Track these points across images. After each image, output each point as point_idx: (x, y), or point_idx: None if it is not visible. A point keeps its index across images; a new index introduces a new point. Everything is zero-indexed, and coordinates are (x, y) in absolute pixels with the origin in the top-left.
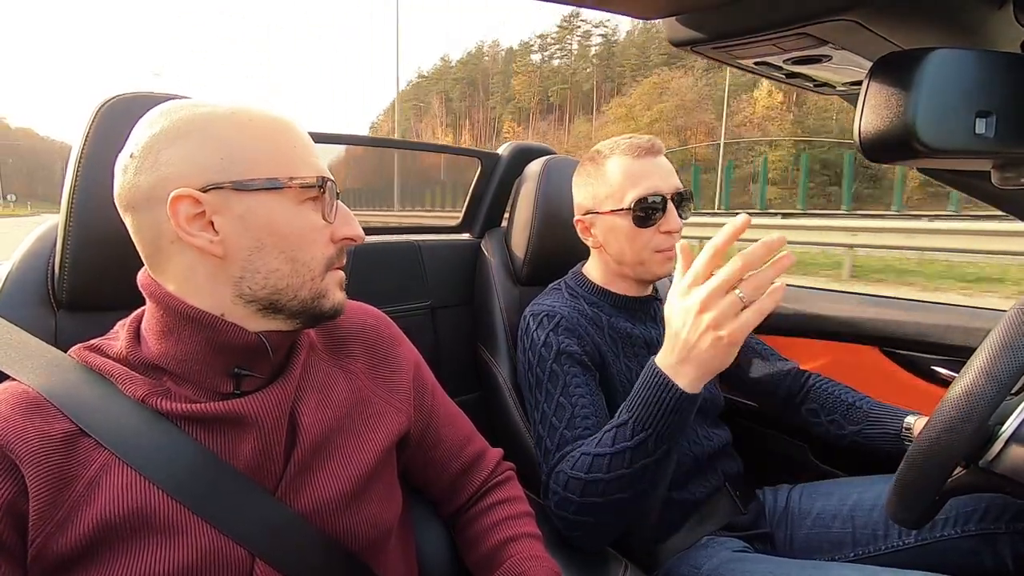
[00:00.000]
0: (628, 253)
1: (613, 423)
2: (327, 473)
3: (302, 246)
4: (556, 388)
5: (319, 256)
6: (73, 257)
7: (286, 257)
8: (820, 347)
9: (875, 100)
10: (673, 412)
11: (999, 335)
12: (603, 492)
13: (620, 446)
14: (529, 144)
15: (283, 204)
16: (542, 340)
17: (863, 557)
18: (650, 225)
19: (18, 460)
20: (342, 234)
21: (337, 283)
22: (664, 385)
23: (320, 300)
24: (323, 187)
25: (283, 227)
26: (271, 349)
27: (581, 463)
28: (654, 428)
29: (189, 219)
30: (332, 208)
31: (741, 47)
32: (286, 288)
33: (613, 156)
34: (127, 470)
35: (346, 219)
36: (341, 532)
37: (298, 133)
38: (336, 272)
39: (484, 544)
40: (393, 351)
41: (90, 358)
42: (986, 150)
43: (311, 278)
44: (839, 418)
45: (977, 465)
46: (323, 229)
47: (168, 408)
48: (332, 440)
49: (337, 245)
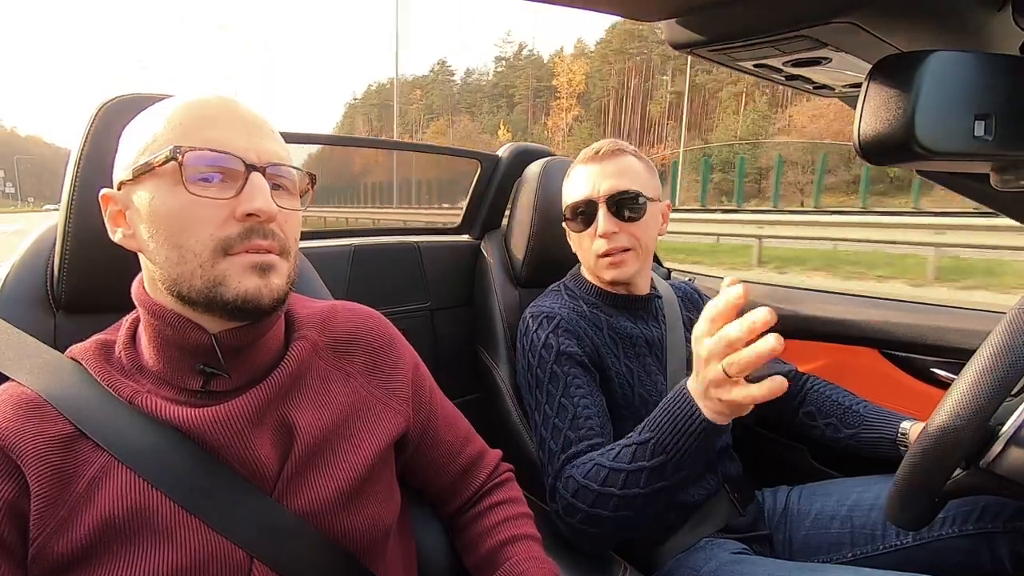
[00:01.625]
0: (580, 257)
1: (634, 439)
2: (324, 474)
3: (182, 229)
4: (557, 389)
5: (205, 239)
6: (72, 258)
7: (171, 243)
8: (818, 349)
9: (874, 102)
10: (697, 439)
11: (998, 336)
12: (613, 507)
13: (638, 465)
14: (528, 146)
15: (160, 187)
16: (542, 341)
17: (861, 557)
18: (584, 230)
19: (19, 460)
20: (243, 210)
21: (244, 268)
22: (691, 412)
23: (218, 288)
24: (179, 159)
25: (160, 211)
26: (220, 348)
27: (594, 474)
28: (676, 452)
29: (113, 217)
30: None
31: (740, 49)
32: (179, 278)
33: (575, 164)
34: (126, 471)
35: (251, 194)
36: (339, 533)
37: (199, 111)
38: (242, 256)
39: (483, 545)
40: (391, 352)
41: (87, 358)
42: (985, 153)
43: (199, 264)
44: (835, 421)
45: (977, 466)
46: (215, 207)
47: (158, 410)
48: (329, 441)
49: (241, 224)
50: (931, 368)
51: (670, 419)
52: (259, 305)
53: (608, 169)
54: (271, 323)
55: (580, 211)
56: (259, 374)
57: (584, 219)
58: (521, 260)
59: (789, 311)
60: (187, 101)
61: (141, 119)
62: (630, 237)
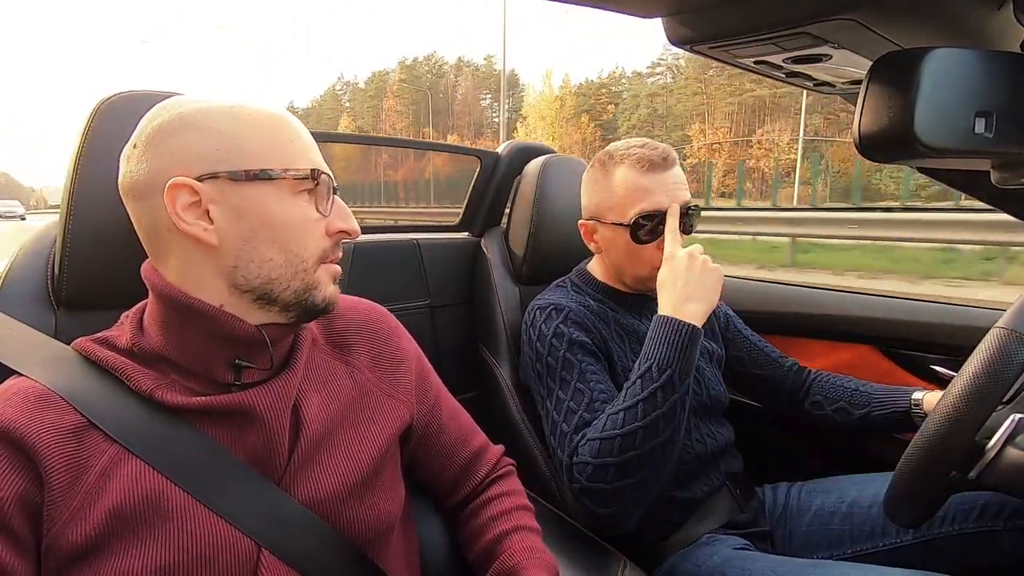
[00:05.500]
0: (626, 266)
1: (636, 373)
2: (331, 465)
3: (295, 237)
4: (572, 375)
5: (312, 248)
6: (72, 255)
7: (279, 247)
8: (819, 347)
9: (875, 99)
10: (689, 346)
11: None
12: (641, 441)
13: (649, 389)
14: (529, 143)
15: (277, 195)
16: (552, 331)
17: (861, 554)
18: (650, 242)
19: (32, 452)
20: (336, 227)
21: (330, 276)
22: (677, 325)
23: (312, 292)
24: (317, 179)
25: (276, 217)
26: (270, 342)
27: (612, 422)
28: (676, 363)
29: (185, 207)
30: (328, 202)
31: (741, 46)
32: (279, 278)
33: (622, 165)
34: (136, 461)
35: (342, 213)
36: (345, 523)
37: (294, 128)
38: (330, 266)
39: (483, 537)
40: (395, 344)
41: (94, 351)
42: (985, 150)
43: (303, 269)
44: (845, 405)
45: (967, 477)
46: (317, 222)
47: (173, 400)
48: (335, 433)
49: (332, 239)
50: (931, 365)
51: (661, 339)
52: (332, 307)
53: (673, 179)
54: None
55: (650, 224)
56: (277, 367)
57: (651, 232)
58: (521, 257)
59: (791, 310)
60: (281, 114)
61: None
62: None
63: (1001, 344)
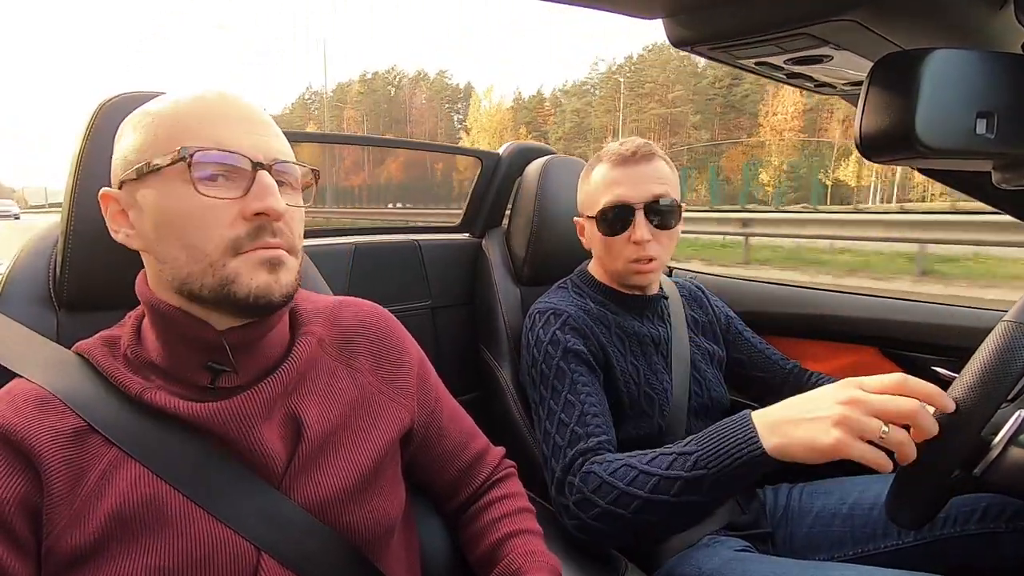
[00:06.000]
0: (605, 260)
1: (674, 449)
2: (332, 468)
3: (190, 229)
4: (563, 385)
5: (215, 238)
6: (74, 256)
7: (180, 244)
8: (821, 349)
9: (876, 100)
10: (743, 465)
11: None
12: (635, 509)
13: (673, 473)
14: (529, 144)
15: (167, 187)
16: (548, 337)
17: (863, 556)
18: (618, 234)
19: (32, 455)
20: (252, 208)
21: (254, 265)
22: (749, 437)
23: (230, 287)
24: (189, 159)
25: (171, 211)
26: (229, 346)
27: (622, 474)
28: (717, 471)
29: (113, 216)
30: (244, 184)
31: (742, 47)
32: (188, 277)
33: (600, 162)
34: (136, 465)
35: (260, 193)
36: (345, 526)
37: (203, 109)
38: (254, 254)
39: (485, 540)
40: (397, 348)
41: (93, 353)
42: (986, 150)
43: (209, 263)
44: None
45: (971, 475)
46: (225, 207)
47: (165, 404)
48: (336, 435)
49: (250, 223)
50: (932, 367)
51: (722, 438)
52: (270, 301)
53: (644, 173)
54: (277, 319)
55: (614, 215)
56: (266, 369)
57: (617, 223)
58: (522, 258)
59: (791, 311)
60: (189, 97)
61: (139, 116)
62: (659, 245)
63: (1009, 337)
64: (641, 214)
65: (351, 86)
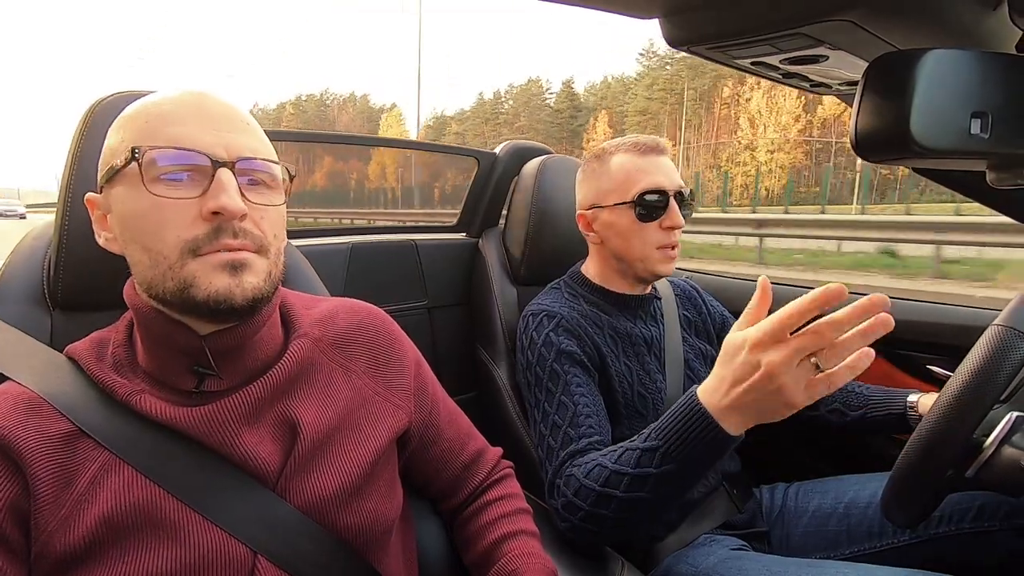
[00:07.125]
0: (630, 249)
1: (638, 445)
2: (328, 470)
3: (148, 231)
4: (557, 387)
5: (170, 239)
6: (68, 256)
7: (140, 246)
8: None
9: (871, 100)
10: (709, 450)
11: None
12: (615, 509)
13: (643, 471)
14: (526, 143)
15: (127, 190)
16: (542, 339)
17: (859, 554)
18: (652, 220)
19: (20, 459)
20: (208, 207)
21: (213, 268)
22: (705, 423)
23: (189, 290)
24: (139, 159)
25: (128, 213)
26: (210, 350)
27: (596, 474)
28: (683, 461)
29: (98, 220)
30: (204, 184)
31: (738, 47)
32: (152, 280)
33: (618, 153)
34: (127, 469)
35: (216, 191)
36: (342, 528)
37: (169, 108)
38: (213, 256)
39: (481, 541)
40: (394, 349)
41: (83, 356)
42: (981, 150)
43: (168, 266)
44: (839, 406)
45: (964, 475)
46: (184, 207)
47: (150, 409)
48: (332, 437)
49: (209, 223)
50: (927, 365)
51: (681, 429)
52: (232, 305)
53: (668, 165)
54: (260, 323)
55: (655, 200)
56: (256, 372)
57: (655, 209)
58: (519, 258)
59: None
60: (152, 99)
61: (117, 119)
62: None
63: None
64: (674, 201)
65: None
